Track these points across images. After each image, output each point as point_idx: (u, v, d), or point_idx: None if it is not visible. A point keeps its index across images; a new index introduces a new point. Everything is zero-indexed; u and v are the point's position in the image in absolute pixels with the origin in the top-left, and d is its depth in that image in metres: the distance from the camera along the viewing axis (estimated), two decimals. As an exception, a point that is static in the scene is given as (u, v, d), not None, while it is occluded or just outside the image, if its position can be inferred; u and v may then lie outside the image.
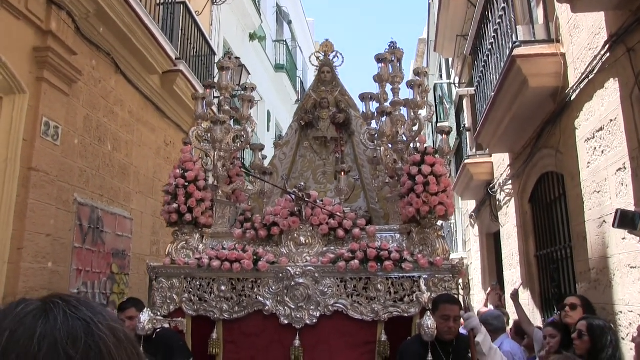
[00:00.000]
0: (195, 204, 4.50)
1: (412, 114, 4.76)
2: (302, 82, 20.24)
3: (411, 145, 4.70)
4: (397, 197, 4.62)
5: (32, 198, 5.00)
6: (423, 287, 4.07)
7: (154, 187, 7.87)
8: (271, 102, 16.69)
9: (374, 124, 5.13)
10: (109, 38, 6.47)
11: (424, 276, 4.13)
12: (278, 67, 17.22)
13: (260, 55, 15.12)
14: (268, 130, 16.29)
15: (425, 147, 4.39)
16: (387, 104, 4.92)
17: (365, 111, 5.12)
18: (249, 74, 10.32)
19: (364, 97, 5.10)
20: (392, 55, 5.00)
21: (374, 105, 5.07)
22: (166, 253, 4.62)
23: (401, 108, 4.91)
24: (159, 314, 4.26)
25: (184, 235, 4.60)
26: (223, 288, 4.36)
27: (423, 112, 4.91)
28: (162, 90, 7.98)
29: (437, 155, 4.36)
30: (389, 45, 5.03)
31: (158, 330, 4.03)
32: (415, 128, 4.74)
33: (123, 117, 7.00)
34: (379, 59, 4.97)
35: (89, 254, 6.05)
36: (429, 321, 3.56)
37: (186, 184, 4.53)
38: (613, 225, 2.57)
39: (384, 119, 4.82)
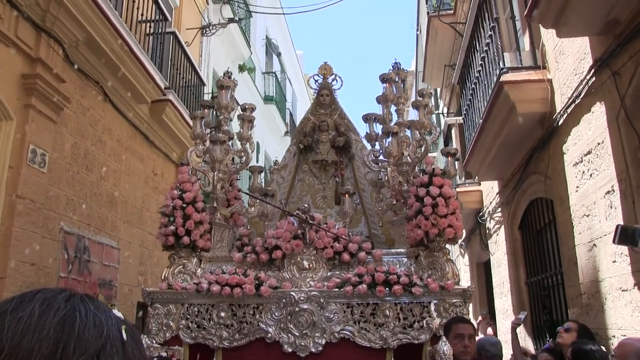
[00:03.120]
0: (193, 226, 4.38)
1: (418, 135, 4.70)
2: (291, 114, 20.34)
3: (417, 167, 4.66)
4: (403, 220, 4.53)
5: (16, 226, 4.92)
6: (433, 313, 3.99)
7: (142, 216, 7.79)
8: (260, 133, 16.72)
9: (377, 146, 5.07)
10: (98, 66, 6.47)
11: (434, 301, 4.04)
12: (267, 99, 17.30)
13: (250, 86, 15.21)
14: (257, 161, 16.27)
15: (433, 169, 4.34)
16: (392, 124, 4.87)
17: (369, 132, 5.06)
18: (238, 104, 10.34)
19: (367, 118, 5.07)
20: (396, 76, 4.97)
21: (377, 127, 5.03)
22: (162, 277, 4.46)
23: (405, 130, 4.86)
24: (154, 341, 4.12)
25: (181, 259, 4.48)
26: (223, 314, 4.22)
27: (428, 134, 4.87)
28: (151, 120, 7.97)
29: (444, 177, 4.30)
30: (393, 66, 4.98)
31: (155, 358, 3.92)
32: (421, 149, 4.69)
33: (111, 145, 6.97)
34: (384, 79, 4.93)
35: (75, 284, 5.93)
36: (445, 347, 3.48)
37: (184, 205, 4.41)
38: (613, 241, 2.55)
39: (389, 139, 4.76)
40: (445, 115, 12.79)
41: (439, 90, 14.27)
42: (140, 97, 7.34)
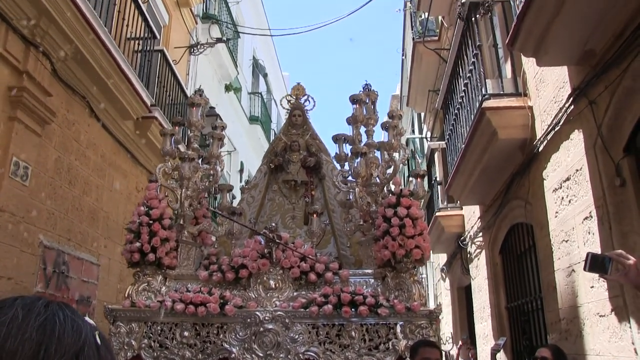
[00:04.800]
0: (159, 243, 4.33)
1: (387, 156, 4.72)
2: (276, 135, 20.39)
3: (385, 187, 4.67)
4: (370, 241, 4.52)
5: (-5, 239, 4.87)
6: (399, 334, 3.97)
7: (123, 233, 7.72)
8: (245, 153, 16.75)
9: (346, 167, 5.08)
10: (85, 81, 6.47)
11: (400, 323, 4.02)
12: (252, 119, 17.36)
13: (235, 106, 15.27)
14: (241, 180, 16.25)
15: (401, 189, 4.35)
16: (361, 145, 4.89)
17: (338, 152, 5.08)
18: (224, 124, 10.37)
19: (337, 139, 5.08)
20: (366, 97, 5.00)
21: (347, 148, 5.05)
22: (125, 295, 4.39)
23: (375, 151, 4.88)
24: None
25: (146, 277, 4.41)
26: (186, 333, 4.16)
27: (397, 155, 4.90)
28: (136, 136, 7.96)
29: (412, 198, 4.31)
30: (363, 87, 5.04)
31: None
32: (390, 170, 4.71)
33: (95, 161, 6.94)
34: (354, 99, 4.96)
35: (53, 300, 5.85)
36: None
37: (150, 222, 4.36)
38: (584, 269, 2.59)
39: (358, 160, 4.78)
40: (429, 139, 12.93)
41: (422, 114, 14.44)
42: (126, 113, 7.33)
